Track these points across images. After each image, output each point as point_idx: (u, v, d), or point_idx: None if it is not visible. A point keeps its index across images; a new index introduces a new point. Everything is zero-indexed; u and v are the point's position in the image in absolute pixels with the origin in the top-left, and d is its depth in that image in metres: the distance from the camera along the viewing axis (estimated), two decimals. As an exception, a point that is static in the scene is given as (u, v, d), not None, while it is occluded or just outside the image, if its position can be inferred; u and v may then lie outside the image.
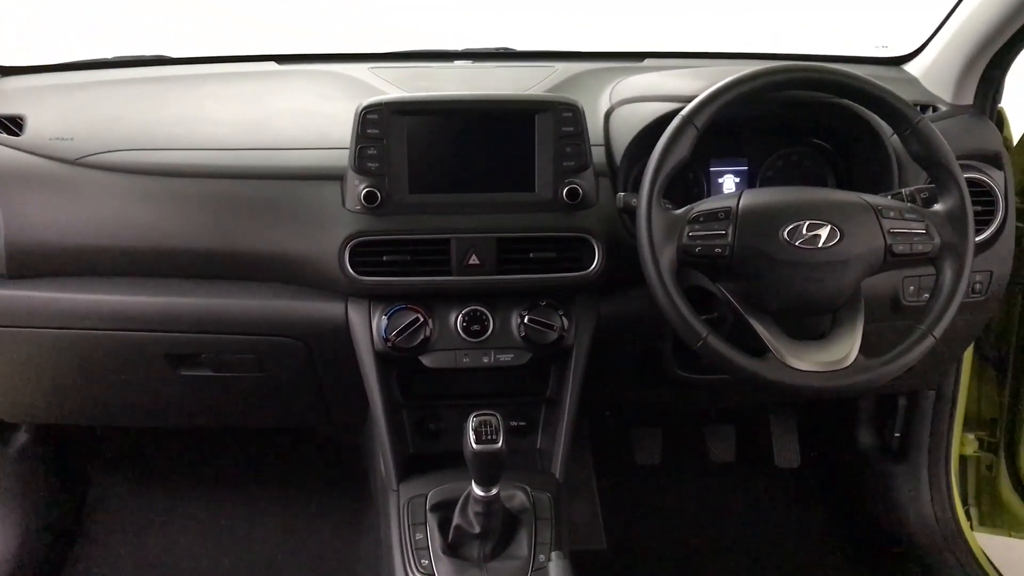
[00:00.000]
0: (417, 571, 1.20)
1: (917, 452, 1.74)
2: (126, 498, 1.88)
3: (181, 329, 1.31)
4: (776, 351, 1.12)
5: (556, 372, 1.38)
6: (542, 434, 1.44)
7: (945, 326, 1.13)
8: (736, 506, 1.98)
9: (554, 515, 1.27)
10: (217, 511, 1.87)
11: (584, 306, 1.32)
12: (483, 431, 1.09)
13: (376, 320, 1.28)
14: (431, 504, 1.26)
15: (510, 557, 1.22)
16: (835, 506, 1.98)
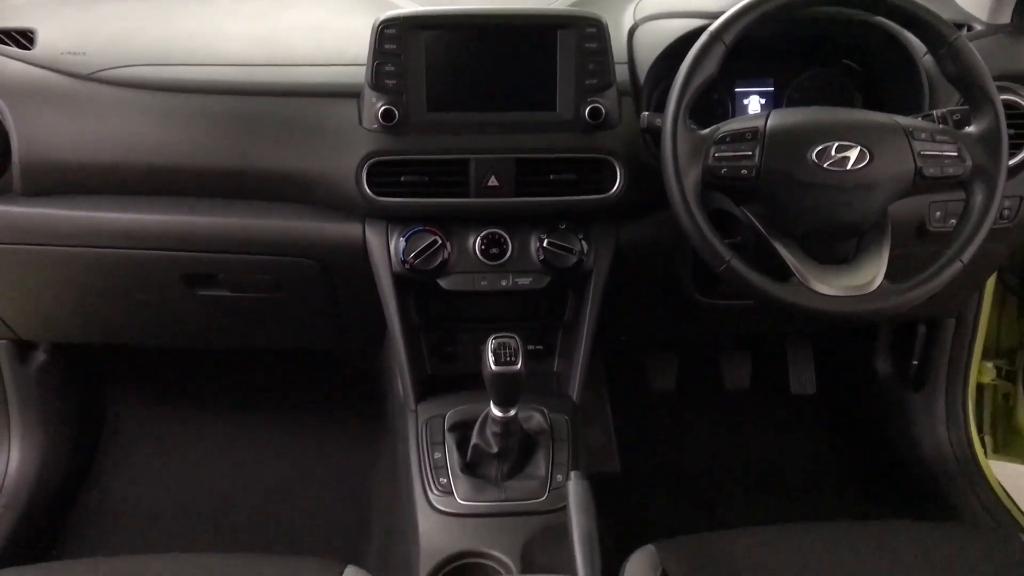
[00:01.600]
0: (435, 489, 1.21)
1: (935, 380, 1.73)
2: (145, 417, 1.90)
3: (198, 249, 1.30)
4: (800, 275, 1.11)
5: (574, 297, 1.37)
6: (559, 358, 1.44)
7: (973, 251, 1.11)
8: (750, 433, 1.99)
9: (571, 437, 1.28)
10: (235, 431, 1.89)
11: (604, 230, 1.31)
12: (502, 353, 1.09)
13: (394, 242, 1.27)
14: (449, 424, 1.27)
15: (527, 477, 1.23)
16: (850, 434, 1.98)
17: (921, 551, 1.09)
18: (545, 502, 1.20)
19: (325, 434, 1.90)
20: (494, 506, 1.20)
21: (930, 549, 1.09)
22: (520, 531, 1.18)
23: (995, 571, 1.06)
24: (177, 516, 1.75)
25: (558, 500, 1.19)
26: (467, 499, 1.20)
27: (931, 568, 1.07)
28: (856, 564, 1.07)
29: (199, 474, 1.82)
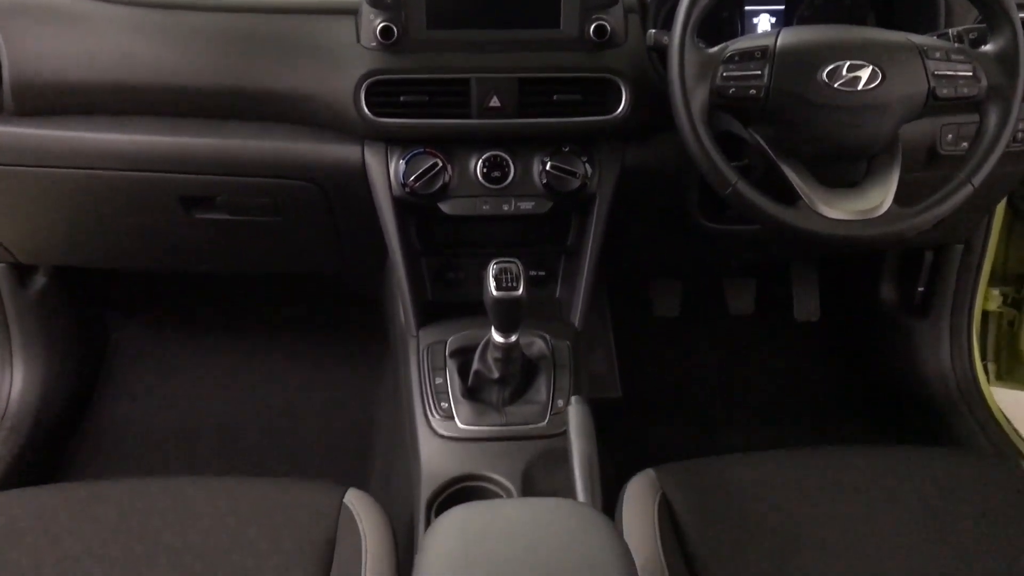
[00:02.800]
0: (437, 414, 1.22)
1: (940, 307, 1.72)
2: (147, 341, 1.91)
3: (194, 171, 1.28)
4: (807, 199, 1.09)
5: (577, 221, 1.35)
6: (561, 284, 1.42)
7: (985, 175, 1.09)
8: (753, 358, 1.99)
9: (573, 362, 1.27)
10: (237, 355, 1.89)
11: (608, 153, 1.28)
12: (503, 278, 1.07)
13: (394, 164, 1.25)
14: (450, 350, 1.26)
15: (528, 402, 1.23)
16: (853, 360, 1.98)
17: (921, 476, 1.09)
18: (546, 427, 1.21)
19: (327, 359, 1.90)
20: (495, 430, 1.20)
21: (930, 474, 1.09)
22: (521, 455, 1.18)
23: (995, 497, 1.07)
24: (180, 440, 1.76)
25: (559, 425, 1.19)
26: (468, 424, 1.21)
27: (931, 493, 1.07)
28: (856, 488, 1.07)
29: (202, 398, 1.83)
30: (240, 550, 0.99)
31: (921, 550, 1.02)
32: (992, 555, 1.02)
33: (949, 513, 1.05)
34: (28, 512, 1.01)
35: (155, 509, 1.02)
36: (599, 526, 0.75)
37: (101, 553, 0.98)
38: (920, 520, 1.04)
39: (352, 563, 0.97)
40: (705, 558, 1.01)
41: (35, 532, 0.99)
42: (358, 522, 1.01)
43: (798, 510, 1.05)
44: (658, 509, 1.03)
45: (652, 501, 1.04)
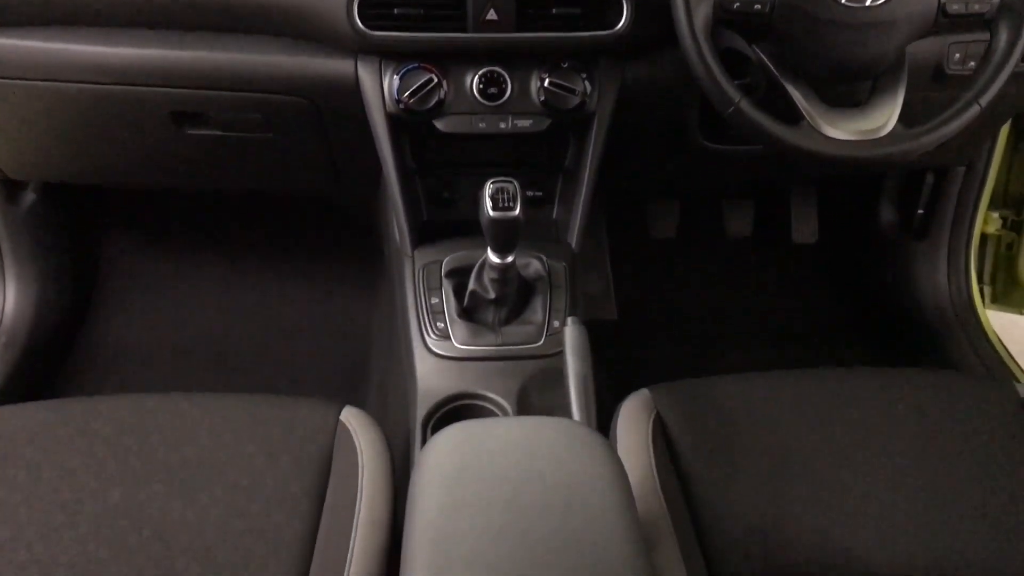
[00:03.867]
0: (432, 334, 1.22)
1: (939, 230, 1.71)
2: (141, 259, 1.90)
3: (185, 85, 1.25)
4: (811, 118, 1.07)
5: (576, 141, 1.33)
6: (558, 205, 1.41)
7: (993, 95, 1.06)
8: (750, 280, 1.99)
9: (569, 283, 1.27)
10: (232, 274, 1.89)
11: (608, 69, 1.25)
12: (500, 198, 1.06)
13: (388, 80, 1.22)
14: (446, 270, 1.26)
15: (524, 322, 1.23)
16: (850, 283, 1.98)
17: (915, 397, 1.10)
18: (542, 347, 1.21)
19: (323, 277, 1.90)
20: (491, 350, 1.21)
21: (924, 396, 1.10)
22: (516, 375, 1.19)
23: (987, 418, 1.08)
24: (175, 358, 1.77)
25: (555, 345, 1.19)
26: (464, 344, 1.21)
27: (924, 414, 1.08)
28: (849, 409, 1.08)
29: (197, 316, 1.83)
30: (237, 466, 0.99)
31: (913, 471, 1.03)
32: (983, 476, 1.03)
33: (941, 434, 1.06)
34: (24, 427, 1.02)
35: (152, 425, 1.03)
36: (594, 444, 0.75)
37: (98, 468, 0.99)
38: (912, 441, 1.05)
39: (349, 479, 0.98)
40: (698, 476, 1.02)
41: (32, 447, 1.00)
42: (354, 439, 1.01)
43: (791, 430, 1.06)
44: (652, 428, 1.04)
45: (646, 420, 1.05)
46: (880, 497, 1.01)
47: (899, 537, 0.98)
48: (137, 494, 0.97)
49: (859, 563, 0.96)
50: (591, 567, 0.65)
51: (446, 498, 0.70)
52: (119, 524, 0.95)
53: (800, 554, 0.97)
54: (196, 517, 0.95)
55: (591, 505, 0.69)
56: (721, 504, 1.00)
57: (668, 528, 0.94)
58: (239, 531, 0.95)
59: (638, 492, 0.95)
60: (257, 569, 0.92)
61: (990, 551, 0.98)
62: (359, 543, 0.92)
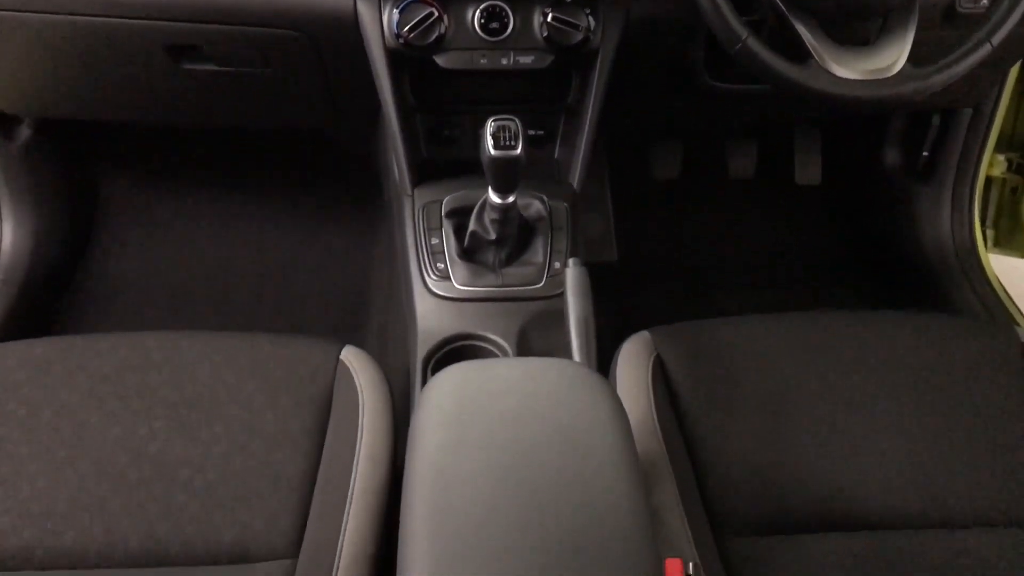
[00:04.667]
0: (432, 274, 1.21)
1: (944, 172, 1.69)
2: (139, 196, 1.88)
3: (179, 18, 1.22)
4: (819, 56, 1.05)
5: (579, 78, 1.31)
6: (560, 144, 1.39)
7: (1005, 34, 1.04)
8: (752, 222, 1.98)
9: (570, 224, 1.26)
10: (231, 212, 1.87)
11: (613, 4, 1.22)
12: (501, 136, 1.04)
13: (387, 14, 1.19)
14: (446, 210, 1.25)
15: (525, 263, 1.22)
16: (852, 225, 1.97)
17: (915, 341, 1.10)
18: (542, 288, 1.20)
19: (323, 216, 1.88)
20: (491, 291, 1.20)
21: (924, 339, 1.10)
22: (517, 316, 1.19)
23: (988, 363, 1.08)
24: (175, 295, 1.76)
25: (555, 286, 1.19)
26: (464, 284, 1.20)
27: (923, 357, 1.08)
28: (848, 352, 1.08)
29: (196, 254, 1.82)
30: (237, 404, 1.00)
31: (912, 413, 1.03)
32: (982, 419, 1.03)
33: (941, 377, 1.06)
34: (24, 363, 1.02)
35: (152, 362, 1.03)
36: (594, 385, 0.75)
37: (96, 405, 0.99)
38: (912, 384, 1.06)
39: (349, 418, 0.98)
40: (697, 417, 1.02)
41: (31, 384, 1.00)
42: (355, 378, 1.01)
43: (790, 372, 1.06)
44: (652, 369, 1.04)
45: (646, 362, 1.05)
46: (878, 439, 1.01)
47: (896, 479, 0.99)
48: (138, 431, 0.97)
49: (857, 504, 0.97)
50: (589, 506, 0.65)
51: (446, 437, 0.70)
52: (119, 461, 0.95)
53: (797, 495, 0.97)
54: (197, 454, 0.96)
55: (590, 445, 0.69)
56: (719, 445, 1.00)
57: (667, 468, 0.94)
58: (240, 468, 0.95)
59: (637, 432, 0.95)
60: (258, 505, 0.93)
61: (987, 494, 0.98)
62: (359, 481, 0.93)
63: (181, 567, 0.89)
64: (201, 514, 0.92)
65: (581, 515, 0.64)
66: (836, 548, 0.94)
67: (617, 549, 0.63)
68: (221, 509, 0.92)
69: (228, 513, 0.92)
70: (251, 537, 0.91)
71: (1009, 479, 0.99)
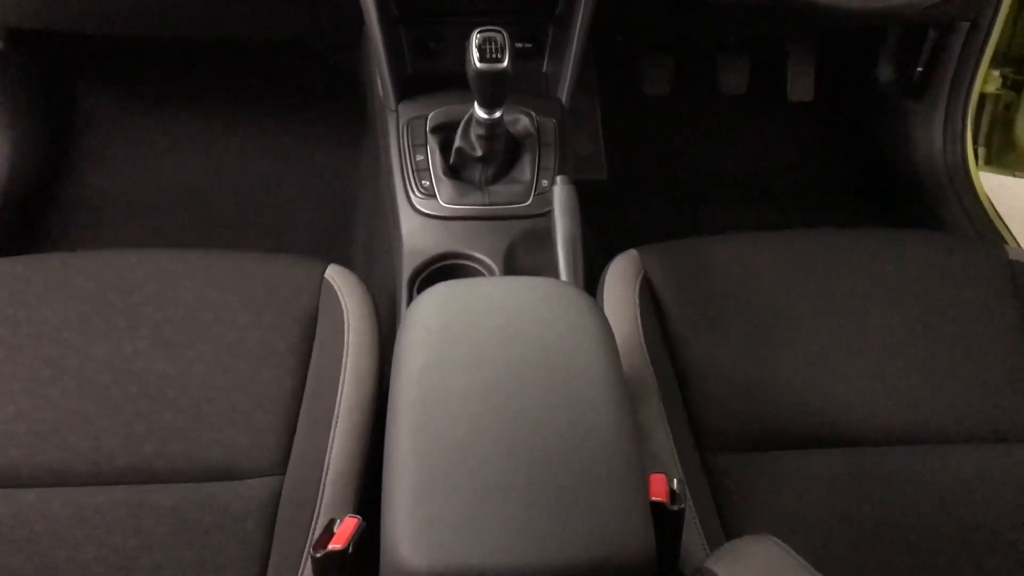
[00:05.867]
0: (418, 192, 1.19)
1: (938, 88, 1.67)
2: (120, 111, 1.83)
3: None
4: (815, -34, 1.02)
5: None
6: (549, 58, 1.36)
7: None
8: (744, 138, 1.95)
9: (558, 141, 1.24)
10: (214, 127, 1.83)
11: None
12: (487, 49, 1.01)
13: None
14: (431, 125, 1.22)
15: (513, 181, 1.21)
16: (845, 143, 1.95)
17: (905, 259, 1.09)
18: (530, 206, 1.19)
19: (307, 132, 1.85)
20: (478, 209, 1.19)
21: (914, 257, 1.10)
22: (504, 234, 1.17)
23: (977, 281, 1.07)
24: (158, 211, 1.74)
25: (543, 205, 1.17)
26: (450, 202, 1.19)
27: (914, 276, 1.08)
28: (837, 269, 1.08)
29: (179, 169, 1.79)
30: (222, 322, 0.99)
31: (901, 332, 1.04)
32: (971, 337, 1.04)
33: (930, 295, 1.06)
34: (5, 282, 1.01)
35: (134, 280, 1.01)
36: (581, 303, 0.75)
37: (79, 324, 0.98)
38: (901, 302, 1.06)
39: (335, 336, 0.98)
40: (684, 335, 1.02)
41: (12, 302, 0.99)
42: (340, 296, 1.01)
43: (779, 290, 1.06)
44: (639, 288, 1.04)
45: (634, 280, 1.04)
46: (865, 356, 1.02)
47: (881, 395, 0.99)
48: (122, 349, 0.97)
49: (840, 421, 0.98)
50: (576, 423, 0.65)
51: (432, 355, 0.69)
52: (104, 379, 0.95)
53: (782, 411, 0.98)
54: (182, 372, 0.96)
55: (577, 362, 0.69)
56: (706, 362, 1.00)
57: (653, 385, 0.95)
58: (226, 386, 0.95)
59: (624, 350, 0.95)
60: (245, 423, 0.93)
61: (972, 410, 0.99)
62: (345, 399, 0.93)
63: (167, 484, 0.90)
64: (187, 431, 0.92)
65: (567, 432, 0.64)
66: (818, 463, 0.95)
67: (604, 465, 0.63)
68: (207, 426, 0.93)
69: (214, 430, 0.92)
70: (237, 454, 0.92)
71: (994, 395, 1.00)
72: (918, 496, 0.94)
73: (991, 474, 0.95)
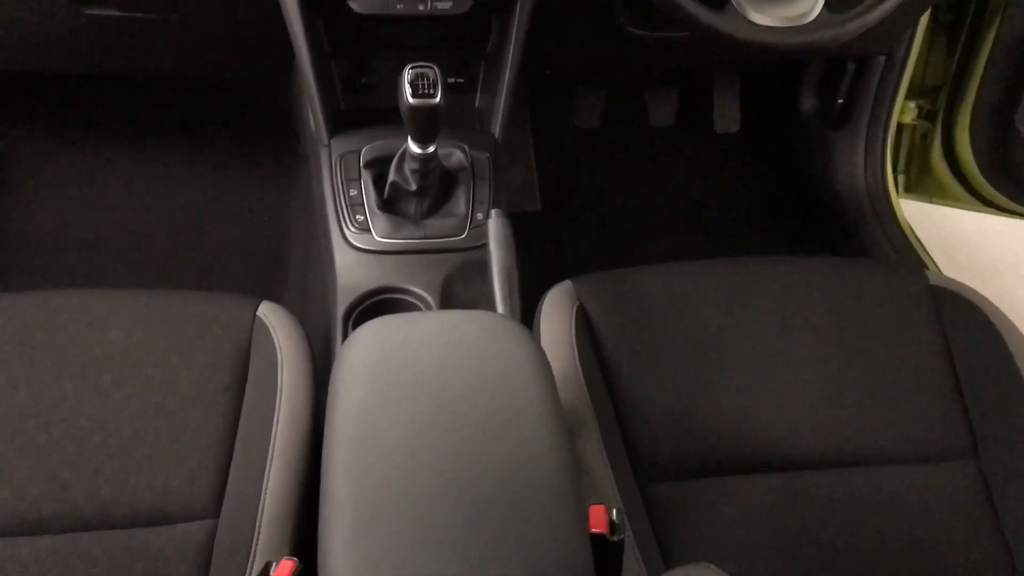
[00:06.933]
0: (352, 227, 1.19)
1: (858, 118, 1.73)
2: (45, 147, 1.79)
3: None
4: (737, 3, 1.05)
5: (499, 24, 1.28)
6: (481, 93, 1.37)
7: None
8: (673, 170, 1.99)
9: (492, 174, 1.24)
10: (143, 162, 1.80)
11: None
12: (420, 84, 1.02)
13: None
14: (365, 160, 1.22)
15: (447, 214, 1.21)
16: (771, 172, 2.00)
17: (831, 285, 1.12)
18: (465, 239, 1.19)
19: (238, 168, 1.82)
20: (413, 243, 1.18)
21: (839, 283, 1.13)
22: (439, 267, 1.17)
23: (900, 306, 1.11)
24: (84, 250, 1.69)
25: (478, 237, 1.18)
26: (385, 236, 1.18)
27: (839, 301, 1.11)
28: (767, 297, 1.10)
29: (106, 209, 1.75)
30: (151, 363, 0.97)
31: (827, 357, 1.06)
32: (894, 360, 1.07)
33: (855, 320, 1.09)
34: None
35: (60, 322, 0.99)
36: (517, 336, 0.75)
37: (3, 367, 0.95)
38: (827, 327, 1.08)
39: (268, 375, 0.96)
40: (619, 365, 1.03)
41: None
42: (273, 334, 0.99)
43: (710, 318, 1.07)
44: (575, 318, 1.04)
45: (569, 311, 1.05)
46: (794, 381, 1.04)
47: (811, 419, 1.02)
48: (46, 393, 0.94)
49: (772, 445, 1.00)
50: (514, 457, 0.65)
51: (367, 392, 0.69)
52: (27, 425, 0.91)
53: (717, 438, 1.00)
54: (110, 415, 0.93)
55: (513, 396, 0.69)
56: (642, 391, 1.01)
57: (591, 416, 0.95)
58: (156, 428, 0.93)
59: (561, 382, 0.95)
60: (176, 466, 0.91)
61: (897, 431, 1.02)
62: (280, 438, 0.91)
63: (98, 531, 0.87)
64: (117, 476, 0.90)
65: (506, 466, 0.64)
66: (754, 488, 0.97)
67: (542, 498, 0.63)
68: (138, 471, 0.90)
69: (145, 474, 0.90)
70: (170, 498, 0.89)
71: (919, 417, 1.03)
72: (852, 518, 0.96)
73: (921, 493, 0.98)
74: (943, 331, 1.09)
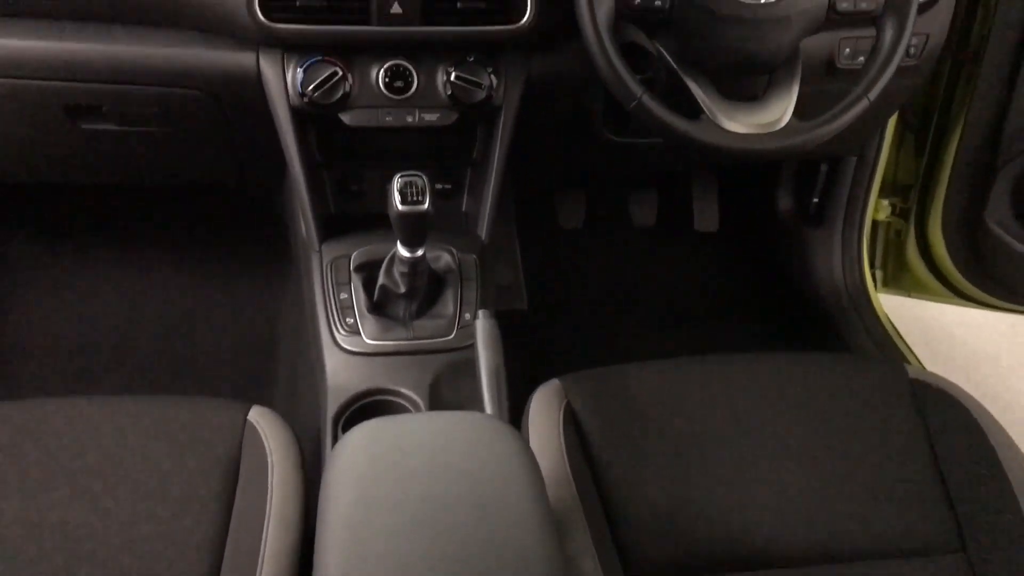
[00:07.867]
0: (342, 329, 1.21)
1: (833, 216, 1.78)
2: (37, 255, 1.81)
3: (79, 78, 1.20)
4: (710, 112, 1.10)
5: (483, 133, 1.33)
6: (468, 197, 1.41)
7: (880, 89, 1.11)
8: (655, 268, 2.03)
9: (479, 276, 1.27)
10: (134, 270, 1.82)
11: (514, 63, 1.26)
12: (408, 192, 1.06)
13: (291, 73, 1.20)
14: (355, 264, 1.25)
15: (435, 316, 1.23)
16: (750, 269, 2.05)
17: (813, 380, 1.14)
18: (453, 340, 1.21)
19: (229, 273, 1.85)
20: (402, 345, 1.20)
21: (821, 378, 1.14)
22: (428, 369, 1.19)
23: (881, 399, 1.13)
24: (75, 356, 1.70)
25: (466, 338, 1.20)
26: (374, 338, 1.20)
27: (822, 397, 1.12)
28: (752, 393, 1.12)
29: (97, 314, 1.76)
30: (142, 469, 0.97)
31: (811, 452, 1.07)
32: (878, 455, 1.08)
33: (837, 415, 1.10)
34: None
35: (50, 430, 0.99)
36: (506, 437, 0.76)
37: None
38: (810, 423, 1.10)
39: (258, 480, 0.97)
40: (608, 463, 1.04)
41: None
42: (263, 439, 1.00)
43: (697, 415, 1.09)
44: (563, 417, 1.05)
45: (557, 410, 1.06)
46: (781, 479, 1.05)
47: (796, 516, 1.02)
48: (36, 502, 0.93)
49: (762, 542, 1.00)
50: (504, 559, 0.66)
51: (358, 495, 0.70)
52: (15, 535, 0.91)
53: (704, 535, 1.00)
54: (100, 523, 0.93)
55: (504, 498, 0.70)
56: (630, 490, 1.02)
57: (580, 517, 0.95)
58: (146, 536, 0.92)
59: (550, 482, 0.96)
60: (166, 574, 0.90)
61: (881, 526, 1.03)
62: (270, 544, 0.91)
63: None
64: None
65: (495, 570, 0.65)
66: None
67: (532, 600, 0.64)
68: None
69: None
70: None
71: (902, 511, 1.04)
72: None
73: None
74: (926, 425, 1.10)
